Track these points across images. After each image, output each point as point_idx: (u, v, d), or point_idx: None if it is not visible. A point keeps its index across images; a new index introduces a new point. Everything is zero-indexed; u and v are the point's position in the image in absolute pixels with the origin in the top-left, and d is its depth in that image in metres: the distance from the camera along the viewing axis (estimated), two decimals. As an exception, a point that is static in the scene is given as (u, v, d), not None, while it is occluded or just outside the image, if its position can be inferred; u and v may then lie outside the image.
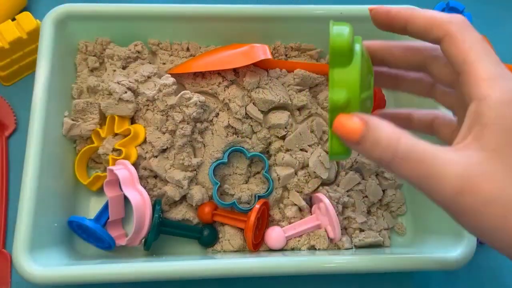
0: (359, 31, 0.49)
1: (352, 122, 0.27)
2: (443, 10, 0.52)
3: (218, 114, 0.45)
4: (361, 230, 0.45)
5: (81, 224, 0.41)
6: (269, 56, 0.45)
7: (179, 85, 0.46)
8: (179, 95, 0.43)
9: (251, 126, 0.45)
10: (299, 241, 0.43)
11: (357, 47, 0.29)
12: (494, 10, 0.59)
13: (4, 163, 0.46)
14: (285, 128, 0.46)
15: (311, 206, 0.45)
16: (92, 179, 0.44)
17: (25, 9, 0.53)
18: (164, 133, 0.43)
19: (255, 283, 0.44)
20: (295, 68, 0.47)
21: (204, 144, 0.45)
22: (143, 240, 0.41)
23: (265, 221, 0.44)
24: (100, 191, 0.45)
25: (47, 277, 0.36)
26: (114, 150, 0.43)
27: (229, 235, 0.43)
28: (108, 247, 0.42)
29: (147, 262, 0.39)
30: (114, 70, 0.46)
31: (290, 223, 0.44)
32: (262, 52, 0.45)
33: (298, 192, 0.44)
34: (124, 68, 0.47)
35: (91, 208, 0.45)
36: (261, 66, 0.47)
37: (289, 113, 0.46)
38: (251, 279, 0.44)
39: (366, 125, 0.26)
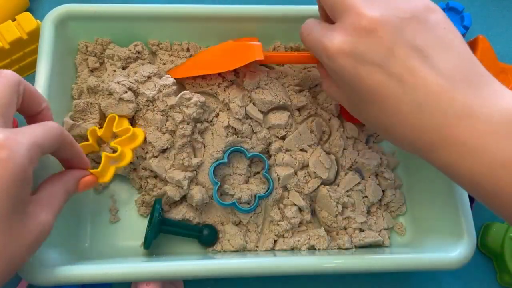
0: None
1: None
2: (442, 10, 0.52)
3: (218, 114, 0.45)
4: (361, 230, 0.45)
5: None
6: (262, 56, 0.44)
7: (179, 85, 0.46)
8: (179, 95, 0.43)
9: (251, 126, 0.45)
10: (299, 241, 0.43)
11: None
12: (494, 10, 0.59)
13: None
14: (285, 128, 0.46)
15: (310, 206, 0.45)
16: (92, 179, 0.44)
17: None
18: (164, 133, 0.43)
19: (255, 283, 0.44)
20: (293, 60, 0.46)
21: (204, 144, 0.45)
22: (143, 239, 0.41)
23: None
24: (100, 192, 0.45)
25: (48, 277, 0.36)
26: (110, 148, 0.43)
27: (229, 235, 0.43)
28: None
29: (147, 262, 0.40)
30: (114, 71, 0.46)
31: (290, 223, 0.44)
32: (257, 51, 0.44)
33: (298, 192, 0.44)
34: (124, 68, 0.47)
35: (91, 208, 0.45)
36: (260, 63, 0.46)
37: (289, 113, 0.46)
38: (251, 279, 0.44)
39: None
